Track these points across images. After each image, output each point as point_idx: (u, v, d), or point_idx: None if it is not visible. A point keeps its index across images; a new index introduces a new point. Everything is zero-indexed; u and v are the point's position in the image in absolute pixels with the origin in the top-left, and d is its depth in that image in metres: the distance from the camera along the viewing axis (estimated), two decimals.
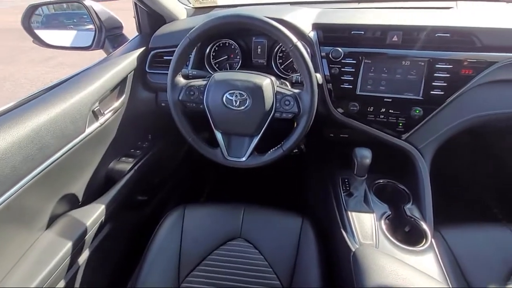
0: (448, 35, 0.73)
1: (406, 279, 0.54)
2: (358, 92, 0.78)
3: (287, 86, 0.75)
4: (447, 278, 0.62)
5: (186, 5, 1.08)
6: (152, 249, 0.77)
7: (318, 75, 0.74)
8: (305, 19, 0.81)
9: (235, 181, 1.48)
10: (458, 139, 1.30)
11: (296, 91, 0.68)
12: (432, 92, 0.74)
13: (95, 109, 0.74)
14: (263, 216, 0.85)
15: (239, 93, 0.66)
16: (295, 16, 0.80)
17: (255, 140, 0.71)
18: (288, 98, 0.67)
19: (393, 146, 0.82)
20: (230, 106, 0.67)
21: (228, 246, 0.81)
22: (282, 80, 0.77)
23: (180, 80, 0.72)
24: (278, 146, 0.71)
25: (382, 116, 0.78)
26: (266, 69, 0.90)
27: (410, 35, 0.75)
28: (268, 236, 0.80)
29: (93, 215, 0.73)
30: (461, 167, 1.33)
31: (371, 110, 0.79)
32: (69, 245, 0.65)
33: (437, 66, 0.73)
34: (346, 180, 0.84)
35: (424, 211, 0.74)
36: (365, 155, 0.73)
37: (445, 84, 0.73)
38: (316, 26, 0.80)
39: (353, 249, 0.63)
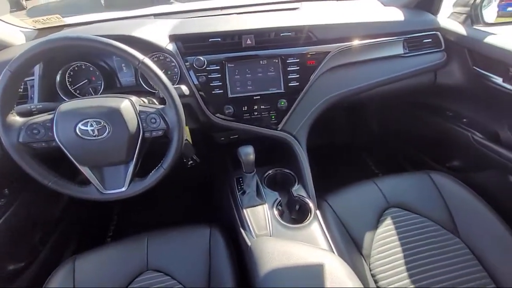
0: (291, 33, 0.83)
1: (294, 255, 0.60)
2: (230, 95, 0.82)
3: (155, 103, 0.72)
4: (331, 241, 0.73)
5: (24, 27, 0.91)
6: None
7: (183, 87, 0.74)
8: (160, 32, 0.80)
9: (136, 211, 1.36)
10: (335, 115, 1.52)
11: (160, 107, 0.66)
12: (290, 84, 0.84)
13: None
14: (169, 239, 0.81)
15: (94, 121, 0.60)
16: (147, 30, 0.78)
17: (131, 166, 0.66)
18: (153, 116, 0.65)
19: (274, 137, 0.89)
20: (88, 137, 0.60)
21: (137, 284, 0.74)
22: (149, 97, 0.74)
23: (16, 119, 0.60)
24: (159, 165, 0.68)
25: (256, 113, 0.85)
26: (137, 88, 0.85)
27: (261, 37, 0.82)
28: (178, 257, 0.77)
29: None
30: (342, 136, 1.58)
31: (245, 109, 0.84)
32: None
33: (288, 61, 0.83)
34: (240, 179, 0.88)
35: (307, 188, 0.84)
36: (248, 152, 0.78)
37: (298, 75, 0.84)
38: (174, 38, 0.79)
39: (249, 244, 0.67)
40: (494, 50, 0.86)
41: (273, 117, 0.86)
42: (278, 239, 0.66)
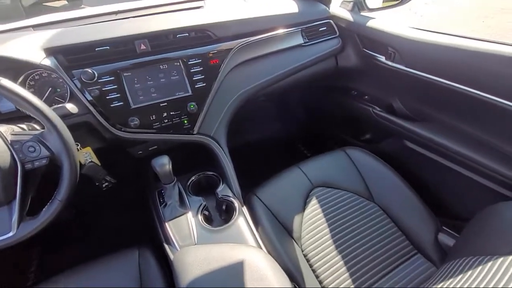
0: (188, 34, 0.81)
1: (214, 259, 0.59)
2: (133, 106, 0.76)
3: (37, 128, 0.63)
4: (260, 233, 0.74)
5: None
6: None
7: (69, 105, 0.66)
8: (33, 46, 0.69)
9: (61, 249, 1.21)
10: (262, 108, 1.55)
11: (38, 132, 0.57)
12: (197, 86, 0.82)
13: None
14: (91, 276, 0.72)
15: None
16: (17, 46, 0.67)
17: (16, 206, 0.57)
18: (31, 144, 0.56)
19: (192, 142, 0.87)
20: None
21: None
22: (29, 123, 0.64)
23: None
24: (52, 198, 0.60)
25: (167, 120, 0.81)
26: (18, 113, 0.73)
27: (156, 41, 0.78)
28: None
29: None
30: (274, 128, 1.63)
31: (153, 118, 0.79)
32: None
33: (190, 62, 0.81)
34: (162, 192, 0.84)
35: (231, 187, 0.84)
36: (163, 163, 0.74)
37: (203, 76, 0.83)
38: (51, 51, 0.70)
39: (172, 257, 0.64)
40: (375, 32, 0.97)
41: (185, 121, 0.83)
42: (201, 246, 0.64)
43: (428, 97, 0.90)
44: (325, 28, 1.05)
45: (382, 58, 0.97)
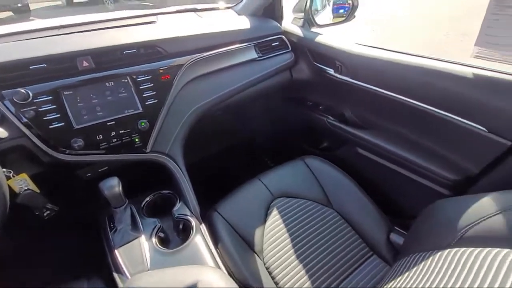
0: (135, 50, 0.79)
1: (166, 284, 0.56)
2: (76, 127, 0.71)
3: None
4: (219, 251, 0.72)
5: None
6: None
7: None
8: None
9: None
10: (224, 122, 1.54)
11: None
12: (148, 103, 0.80)
13: None
14: None
15: None
16: None
17: None
18: None
19: (145, 161, 0.83)
20: None
21: None
22: None
23: None
24: None
25: (115, 140, 0.77)
26: None
27: (101, 58, 0.75)
28: None
29: None
30: (238, 140, 1.63)
31: (100, 138, 0.75)
32: None
33: (139, 79, 0.78)
34: (113, 216, 0.78)
35: (188, 205, 0.82)
36: (112, 185, 0.69)
37: (154, 92, 0.80)
38: None
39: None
40: (324, 47, 1.03)
41: (137, 140, 0.80)
42: (154, 272, 0.61)
43: (372, 106, 0.97)
44: (277, 43, 1.09)
45: (331, 71, 1.03)
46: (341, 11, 1.25)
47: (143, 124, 0.79)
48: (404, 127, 0.91)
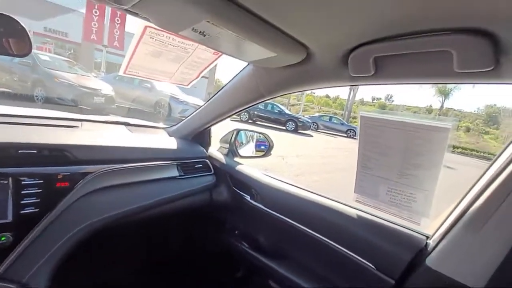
0: (34, 151, 0.71)
1: None
2: None
3: None
4: None
5: None
6: None
7: None
8: None
9: None
10: (129, 239, 1.32)
11: None
12: (23, 212, 0.65)
13: None
14: None
15: None
16: None
17: None
18: None
19: None
20: None
21: None
22: None
23: None
24: None
25: None
26: None
27: None
28: None
29: None
30: (139, 262, 1.36)
31: None
32: None
33: (24, 182, 0.67)
34: None
35: None
36: None
37: (38, 200, 0.68)
38: None
39: None
40: (243, 175, 1.13)
41: None
42: None
43: (284, 236, 1.00)
44: (201, 165, 1.16)
45: (248, 198, 1.09)
46: (262, 147, 1.49)
47: (3, 238, 0.61)
48: (311, 259, 0.93)
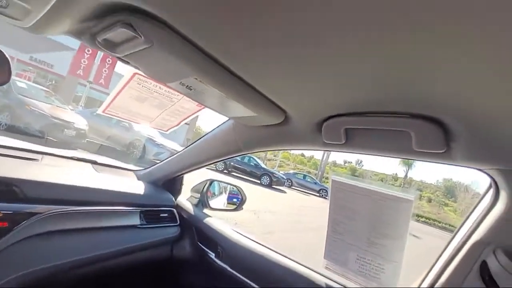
0: None
1: None
2: None
3: None
4: None
5: None
6: None
7: None
8: None
9: None
10: None
11: None
12: None
13: None
14: None
15: None
16: None
17: None
18: None
19: None
20: None
21: None
22: None
23: None
24: None
25: None
26: None
27: None
28: None
29: None
30: None
31: None
32: None
33: None
34: None
35: None
36: None
37: None
38: None
39: None
40: (209, 229, 1.06)
41: None
42: None
43: None
44: (166, 214, 1.08)
45: (213, 256, 1.01)
46: (235, 200, 1.45)
47: None
48: None
